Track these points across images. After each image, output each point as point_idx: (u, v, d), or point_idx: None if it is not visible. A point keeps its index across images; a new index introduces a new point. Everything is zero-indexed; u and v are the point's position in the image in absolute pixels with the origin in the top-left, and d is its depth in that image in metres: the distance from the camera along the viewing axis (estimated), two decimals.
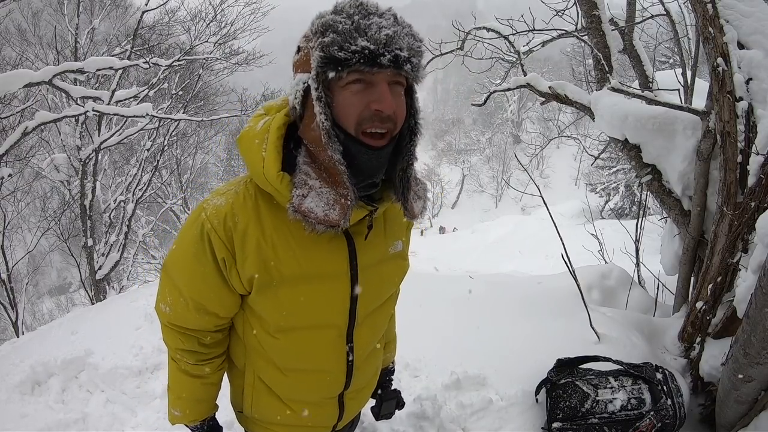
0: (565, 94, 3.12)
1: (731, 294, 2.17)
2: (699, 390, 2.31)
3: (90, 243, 8.63)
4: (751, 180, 2.01)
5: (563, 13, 3.92)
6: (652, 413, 2.01)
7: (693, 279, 2.68)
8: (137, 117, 6.71)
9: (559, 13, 3.93)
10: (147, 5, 7.81)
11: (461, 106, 54.71)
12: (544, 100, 3.36)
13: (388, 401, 1.38)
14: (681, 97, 3.30)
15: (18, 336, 7.20)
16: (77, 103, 6.18)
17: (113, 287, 9.84)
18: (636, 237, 4.17)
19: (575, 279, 2.68)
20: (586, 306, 2.58)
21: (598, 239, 4.78)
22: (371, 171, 0.91)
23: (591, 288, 3.57)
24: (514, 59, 4.45)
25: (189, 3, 9.45)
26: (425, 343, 2.69)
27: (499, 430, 2.22)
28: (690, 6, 2.43)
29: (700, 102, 2.59)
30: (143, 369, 2.86)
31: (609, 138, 3.21)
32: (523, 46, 4.31)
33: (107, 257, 9.04)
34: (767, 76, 2.02)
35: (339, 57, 0.81)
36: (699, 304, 2.31)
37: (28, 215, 12.44)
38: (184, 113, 9.48)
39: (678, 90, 3.23)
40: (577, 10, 3.38)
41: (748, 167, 2.04)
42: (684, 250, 2.67)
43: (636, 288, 3.64)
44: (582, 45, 4.30)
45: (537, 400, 2.27)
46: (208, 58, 8.95)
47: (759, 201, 2.00)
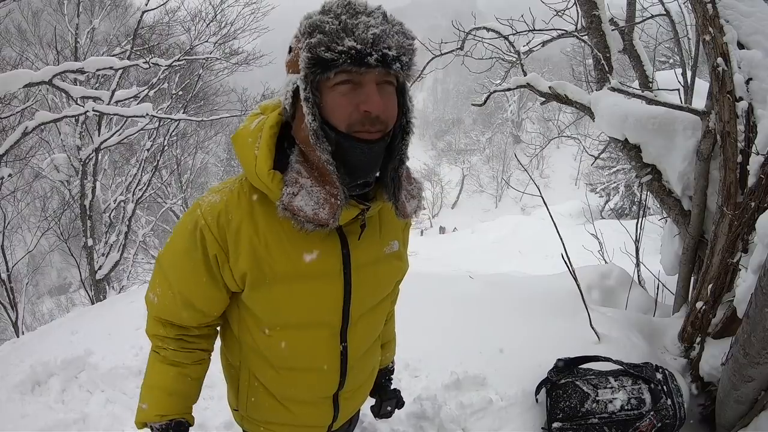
0: (565, 94, 3.12)
1: (731, 294, 2.17)
2: (699, 390, 2.31)
3: (90, 243, 8.63)
4: (751, 180, 2.01)
5: (563, 13, 3.91)
6: (652, 413, 2.01)
7: (693, 279, 2.68)
8: (137, 117, 6.73)
9: (559, 13, 3.93)
10: (147, 5, 7.81)
11: (461, 106, 54.58)
12: (544, 100, 3.36)
13: (387, 401, 1.38)
14: (681, 97, 3.31)
15: (18, 336, 7.20)
16: (77, 103, 6.18)
17: (113, 287, 9.85)
18: (636, 237, 4.18)
19: (575, 279, 2.68)
20: (586, 306, 2.58)
21: (598, 239, 4.78)
22: (364, 168, 0.90)
23: (591, 288, 3.57)
24: (514, 59, 4.45)
25: (189, 3, 9.47)
26: (425, 343, 2.69)
27: (499, 430, 2.22)
28: (690, 6, 2.43)
29: (700, 102, 2.59)
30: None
31: (609, 138, 3.21)
32: (523, 46, 4.31)
33: (107, 257, 9.05)
34: (767, 76, 2.03)
35: (326, 58, 0.80)
36: (699, 304, 2.31)
37: (28, 215, 12.42)
38: (184, 113, 9.48)
39: (678, 90, 3.24)
40: (577, 10, 3.38)
41: (748, 167, 2.04)
42: (684, 250, 2.67)
43: (636, 288, 3.64)
44: (582, 45, 4.30)
45: (537, 400, 2.27)
46: (208, 58, 8.95)
47: (759, 201, 2.00)
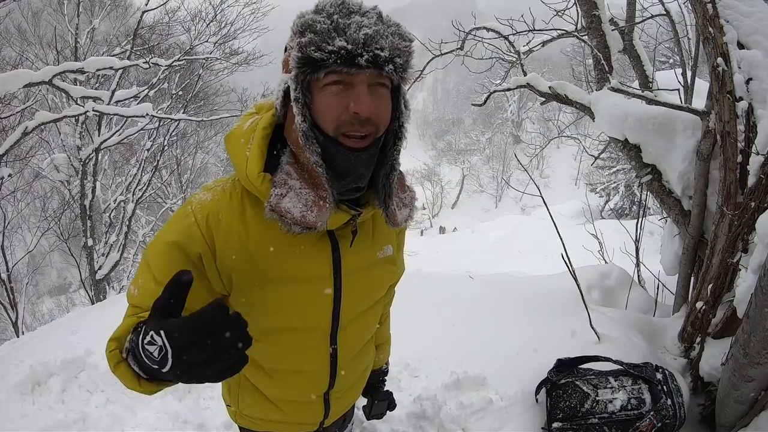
0: (565, 94, 3.12)
1: (731, 294, 2.17)
2: (699, 390, 2.31)
3: (90, 243, 8.64)
4: (751, 180, 2.01)
5: (563, 13, 3.91)
6: (652, 413, 2.01)
7: (693, 279, 2.68)
8: (137, 117, 6.73)
9: (559, 13, 3.93)
10: (147, 5, 7.81)
11: (461, 106, 54.57)
12: (544, 100, 3.36)
13: (379, 402, 1.38)
14: (681, 97, 3.30)
15: (18, 336, 7.21)
16: (77, 103, 6.19)
17: (113, 287, 9.86)
18: (636, 237, 4.17)
19: (575, 279, 2.68)
20: (586, 306, 2.58)
21: (598, 239, 4.78)
22: (352, 174, 0.88)
23: (591, 288, 3.57)
24: (514, 59, 4.45)
25: (189, 3, 9.47)
26: (425, 343, 2.70)
27: (499, 430, 2.22)
28: (690, 6, 2.43)
29: (700, 102, 2.59)
30: None
31: (609, 138, 3.21)
32: (523, 46, 4.31)
33: (107, 257, 9.05)
34: (767, 76, 2.03)
35: (315, 57, 0.79)
36: (699, 304, 2.31)
37: (28, 215, 12.44)
38: (184, 113, 9.50)
39: (678, 90, 3.24)
40: (577, 10, 3.38)
41: (748, 167, 2.04)
42: (684, 250, 2.67)
43: (636, 288, 3.64)
44: (582, 45, 4.30)
45: (537, 400, 2.27)
46: (208, 58, 8.96)
47: (759, 201, 2.00)
